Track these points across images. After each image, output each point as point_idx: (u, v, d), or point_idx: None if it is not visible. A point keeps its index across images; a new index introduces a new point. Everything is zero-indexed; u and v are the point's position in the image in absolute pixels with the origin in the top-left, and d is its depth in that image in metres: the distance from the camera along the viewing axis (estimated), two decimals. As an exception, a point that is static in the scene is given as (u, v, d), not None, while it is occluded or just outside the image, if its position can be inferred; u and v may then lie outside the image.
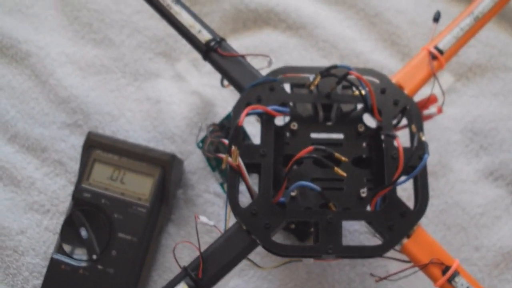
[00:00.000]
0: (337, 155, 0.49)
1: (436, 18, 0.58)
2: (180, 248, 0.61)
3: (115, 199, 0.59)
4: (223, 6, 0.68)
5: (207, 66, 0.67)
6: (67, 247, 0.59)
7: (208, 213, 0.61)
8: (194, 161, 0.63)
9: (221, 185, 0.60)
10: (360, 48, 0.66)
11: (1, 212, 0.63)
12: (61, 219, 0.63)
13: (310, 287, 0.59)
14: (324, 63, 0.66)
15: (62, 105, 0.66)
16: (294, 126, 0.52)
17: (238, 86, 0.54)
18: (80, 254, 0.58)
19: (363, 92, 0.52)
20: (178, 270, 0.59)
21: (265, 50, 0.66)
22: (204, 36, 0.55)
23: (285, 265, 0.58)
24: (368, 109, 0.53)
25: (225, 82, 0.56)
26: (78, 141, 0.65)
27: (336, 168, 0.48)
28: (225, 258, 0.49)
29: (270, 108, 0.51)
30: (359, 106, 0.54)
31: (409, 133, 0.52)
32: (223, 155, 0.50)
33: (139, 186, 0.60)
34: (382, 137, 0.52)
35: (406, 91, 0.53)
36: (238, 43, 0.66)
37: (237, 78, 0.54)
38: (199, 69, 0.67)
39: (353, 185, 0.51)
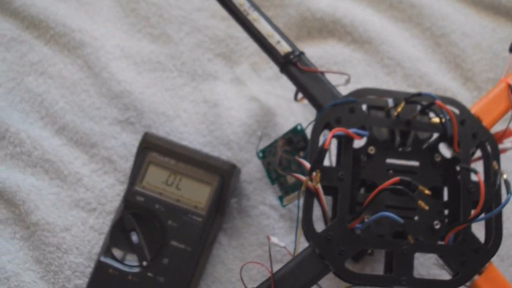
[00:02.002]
0: (421, 187, 0.47)
1: (512, 49, 0.56)
2: (232, 260, 0.59)
3: (170, 205, 0.57)
4: (289, 11, 0.66)
5: (268, 72, 0.65)
6: (116, 251, 0.57)
7: (262, 226, 0.59)
8: (251, 170, 0.61)
9: (280, 198, 0.58)
10: (425, 69, 0.64)
11: (46, 206, 0.61)
12: (108, 219, 0.61)
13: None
14: (389, 80, 0.64)
15: (115, 100, 0.64)
16: (372, 150, 0.51)
17: (316, 104, 0.52)
18: (130, 260, 0.56)
19: (443, 120, 0.51)
20: (228, 282, 0.58)
21: (329, 62, 0.64)
22: (283, 47, 0.53)
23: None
24: (446, 138, 0.51)
25: (299, 96, 0.54)
26: (129, 139, 0.63)
27: (420, 202, 0.46)
28: (296, 282, 0.47)
29: (351, 131, 0.49)
30: (435, 134, 0.52)
31: (483, 168, 0.51)
32: (300, 176, 0.48)
33: (195, 194, 0.57)
34: (457, 168, 0.51)
35: (483, 124, 0.52)
36: (301, 52, 0.64)
37: (316, 95, 0.52)
38: (259, 74, 0.65)
39: (426, 216, 0.50)
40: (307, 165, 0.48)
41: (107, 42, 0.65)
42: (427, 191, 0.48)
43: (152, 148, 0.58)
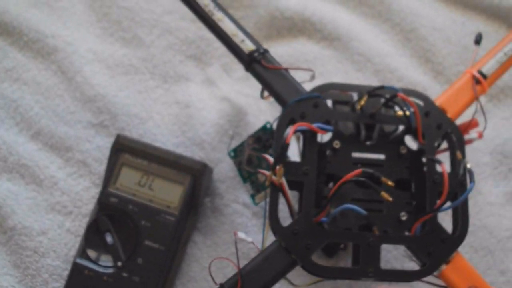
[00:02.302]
0: (384, 179, 0.48)
1: (478, 41, 0.57)
2: (206, 259, 0.60)
3: (143, 205, 0.58)
4: (258, 12, 0.67)
5: (238, 72, 0.66)
6: (91, 252, 0.57)
7: (236, 224, 0.60)
8: (223, 169, 0.62)
9: (252, 196, 0.59)
10: (395, 64, 0.65)
11: (23, 211, 0.62)
12: (84, 221, 0.61)
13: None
14: (359, 76, 0.65)
15: (88, 104, 0.64)
16: (337, 144, 0.51)
17: (281, 100, 0.52)
18: (105, 260, 0.57)
19: (407, 113, 0.51)
20: (203, 280, 0.59)
21: (299, 60, 0.65)
22: (247, 46, 0.54)
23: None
24: (411, 131, 0.52)
25: (265, 94, 0.55)
26: (103, 142, 0.63)
27: (383, 193, 0.47)
28: (264, 277, 0.48)
29: (315, 126, 0.50)
30: (401, 127, 0.53)
31: (449, 158, 0.52)
32: (265, 172, 0.49)
33: (168, 194, 0.58)
34: (423, 160, 0.52)
35: (449, 115, 0.53)
36: (272, 51, 0.64)
37: (281, 92, 0.52)
38: (230, 74, 0.66)
39: (393, 207, 0.50)
40: (271, 159, 0.49)
41: (80, 46, 0.66)
42: (390, 183, 0.48)
43: (124, 149, 0.59)
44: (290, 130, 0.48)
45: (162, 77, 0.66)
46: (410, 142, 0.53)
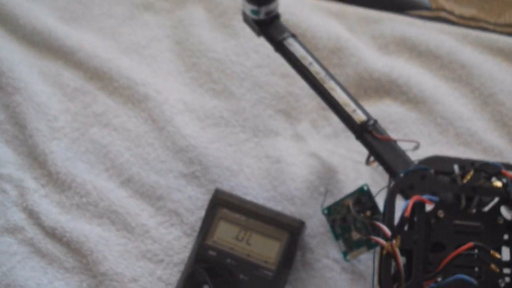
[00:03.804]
0: (492, 252, 0.55)
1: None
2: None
3: (241, 259, 0.64)
4: (347, 71, 0.74)
5: (327, 129, 0.73)
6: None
7: (326, 278, 0.67)
8: (314, 224, 0.68)
9: (344, 254, 0.66)
10: (475, 128, 0.73)
11: (114, 257, 0.67)
12: (175, 270, 0.67)
13: None
14: (441, 139, 0.72)
15: (180, 154, 0.71)
16: (441, 214, 0.59)
17: (389, 170, 0.59)
18: (202, 313, 0.63)
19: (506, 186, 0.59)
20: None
21: (386, 121, 0.72)
22: (359, 116, 0.61)
23: None
24: (507, 202, 0.60)
25: (370, 160, 0.62)
26: (195, 193, 0.70)
27: (493, 265, 0.55)
28: None
29: (425, 197, 0.57)
30: (496, 198, 0.60)
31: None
32: (382, 241, 0.56)
33: (265, 249, 0.65)
34: None
35: (542, 188, 0.60)
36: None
37: (390, 162, 0.59)
38: (319, 131, 0.73)
39: (492, 275, 0.58)
40: (387, 231, 0.56)
41: (170, 96, 0.73)
42: (497, 255, 0.56)
43: (222, 204, 0.66)
44: (409, 203, 0.55)
45: (252, 131, 0.72)
46: (505, 212, 0.61)
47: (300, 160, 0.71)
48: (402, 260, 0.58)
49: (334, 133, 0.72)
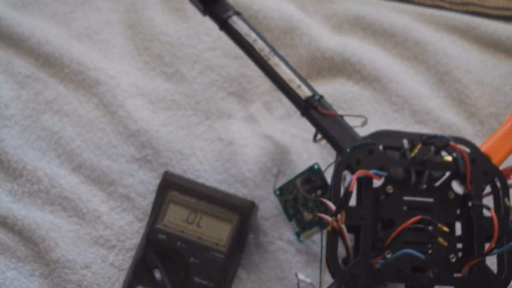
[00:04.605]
0: (440, 225, 0.52)
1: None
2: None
3: (192, 242, 0.61)
4: (299, 51, 0.71)
5: (279, 110, 0.70)
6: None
7: (280, 260, 0.64)
8: (267, 207, 0.65)
9: (297, 234, 0.63)
10: (431, 105, 0.70)
11: (65, 244, 0.64)
12: (128, 256, 0.64)
13: None
14: (397, 117, 0.69)
15: (131, 138, 0.68)
16: (390, 189, 0.56)
17: (336, 146, 0.56)
18: (153, 298, 0.60)
19: (457, 160, 0.56)
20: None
21: (339, 100, 0.69)
22: (304, 92, 0.58)
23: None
24: (458, 176, 0.57)
25: (318, 137, 0.59)
26: (147, 177, 0.67)
27: (440, 239, 0.52)
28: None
29: (371, 172, 0.54)
30: (447, 172, 0.57)
31: (493, 202, 0.56)
32: (326, 217, 0.53)
33: (216, 231, 0.62)
34: (470, 204, 0.56)
35: (493, 161, 0.57)
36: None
37: (337, 138, 0.56)
38: (272, 112, 0.70)
39: (442, 250, 0.55)
40: (332, 206, 0.53)
41: (122, 80, 0.70)
42: (445, 229, 0.53)
43: (172, 187, 0.63)
44: (353, 178, 0.52)
45: (204, 114, 0.69)
46: (456, 187, 0.58)
47: (253, 142, 0.68)
48: (350, 237, 0.55)
49: (287, 114, 0.69)
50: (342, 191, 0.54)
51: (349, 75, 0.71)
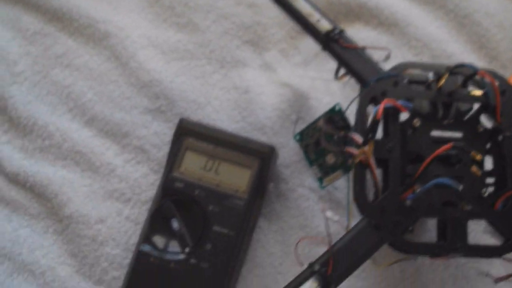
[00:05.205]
0: (473, 153, 0.49)
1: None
2: (272, 244, 0.60)
3: (210, 190, 0.57)
4: (315, -3, 0.67)
5: (297, 57, 0.66)
6: (156, 239, 0.57)
7: (302, 208, 0.60)
8: (287, 154, 0.62)
9: (320, 180, 0.59)
10: (451, 49, 0.66)
11: (79, 199, 0.61)
12: (143, 208, 0.61)
13: (403, 286, 0.59)
14: (417, 61, 0.66)
15: (144, 90, 0.64)
16: (417, 122, 0.52)
17: (360, 79, 0.53)
18: (171, 247, 0.56)
19: (485, 92, 0.52)
20: (269, 266, 0.58)
21: (357, 45, 0.65)
22: (323, 25, 0.54)
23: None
24: (487, 109, 0.53)
25: (340, 73, 0.55)
26: (161, 128, 0.63)
27: (473, 167, 0.48)
28: (354, 255, 0.48)
29: (399, 103, 0.50)
30: (475, 106, 0.54)
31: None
32: (353, 150, 0.49)
33: (235, 178, 0.58)
34: (500, 138, 0.53)
35: (523, 94, 0.54)
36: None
37: (360, 70, 0.53)
38: (289, 59, 0.66)
39: (474, 183, 0.51)
40: (359, 138, 0.49)
41: (132, 32, 0.66)
42: (479, 156, 0.49)
43: (188, 133, 0.59)
44: (379, 107, 0.48)
45: (219, 63, 0.66)
46: (484, 121, 0.54)
47: (270, 89, 0.64)
48: (378, 172, 0.51)
49: (304, 61, 0.65)
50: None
51: (366, 20, 0.67)
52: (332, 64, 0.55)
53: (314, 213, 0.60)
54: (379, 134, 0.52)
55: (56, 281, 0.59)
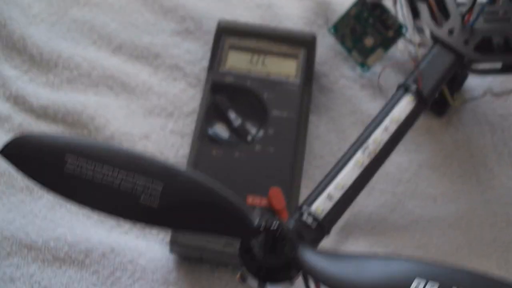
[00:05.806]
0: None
1: None
2: (326, 134, 0.57)
3: (262, 79, 0.56)
4: None
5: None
6: (214, 131, 0.53)
7: (348, 96, 0.59)
8: (321, 53, 0.61)
9: (361, 65, 0.59)
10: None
11: (117, 119, 0.57)
12: (188, 120, 0.57)
13: (458, 155, 0.57)
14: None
15: (170, 14, 0.63)
16: None
17: None
18: (233, 138, 0.53)
19: None
20: (328, 155, 0.56)
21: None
22: None
23: (429, 134, 0.57)
24: None
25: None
26: (193, 46, 0.61)
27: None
28: (437, 73, 0.48)
29: None
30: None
31: None
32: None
33: (283, 68, 0.57)
34: None
35: None
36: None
37: None
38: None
39: None
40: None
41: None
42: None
43: (229, 32, 0.58)
44: None
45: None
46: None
47: (291, 2, 0.65)
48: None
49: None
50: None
51: None
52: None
53: (360, 99, 0.59)
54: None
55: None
